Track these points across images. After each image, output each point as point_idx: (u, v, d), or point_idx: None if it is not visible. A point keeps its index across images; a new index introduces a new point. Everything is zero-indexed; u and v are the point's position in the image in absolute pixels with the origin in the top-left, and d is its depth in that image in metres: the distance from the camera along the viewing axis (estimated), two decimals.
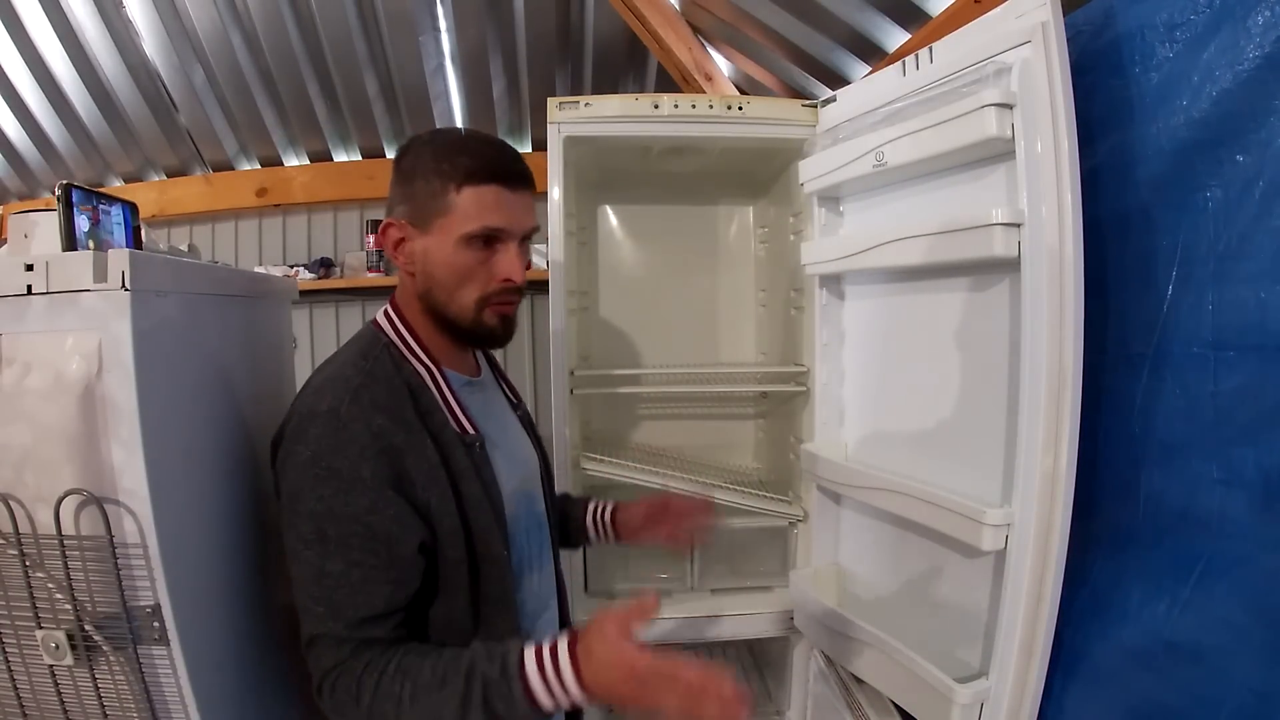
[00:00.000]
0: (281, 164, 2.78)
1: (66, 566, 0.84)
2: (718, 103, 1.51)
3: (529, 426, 1.10)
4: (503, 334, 0.92)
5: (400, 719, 0.76)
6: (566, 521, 1.18)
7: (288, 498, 0.81)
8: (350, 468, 0.78)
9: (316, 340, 2.78)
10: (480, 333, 0.91)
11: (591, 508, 1.18)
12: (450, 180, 0.84)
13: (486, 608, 0.87)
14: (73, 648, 0.84)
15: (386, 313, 0.94)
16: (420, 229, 0.87)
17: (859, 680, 1.36)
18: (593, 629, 0.75)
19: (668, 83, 2.32)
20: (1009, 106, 0.99)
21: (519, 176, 0.88)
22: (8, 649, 0.87)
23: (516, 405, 1.10)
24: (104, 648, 0.84)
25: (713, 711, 0.70)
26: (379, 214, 2.69)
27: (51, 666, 0.86)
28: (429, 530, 0.83)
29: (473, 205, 0.85)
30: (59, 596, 0.84)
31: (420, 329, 0.92)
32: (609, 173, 1.85)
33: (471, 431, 0.90)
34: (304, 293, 1.92)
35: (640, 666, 0.72)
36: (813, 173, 1.41)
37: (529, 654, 0.75)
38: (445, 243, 0.86)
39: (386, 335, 0.91)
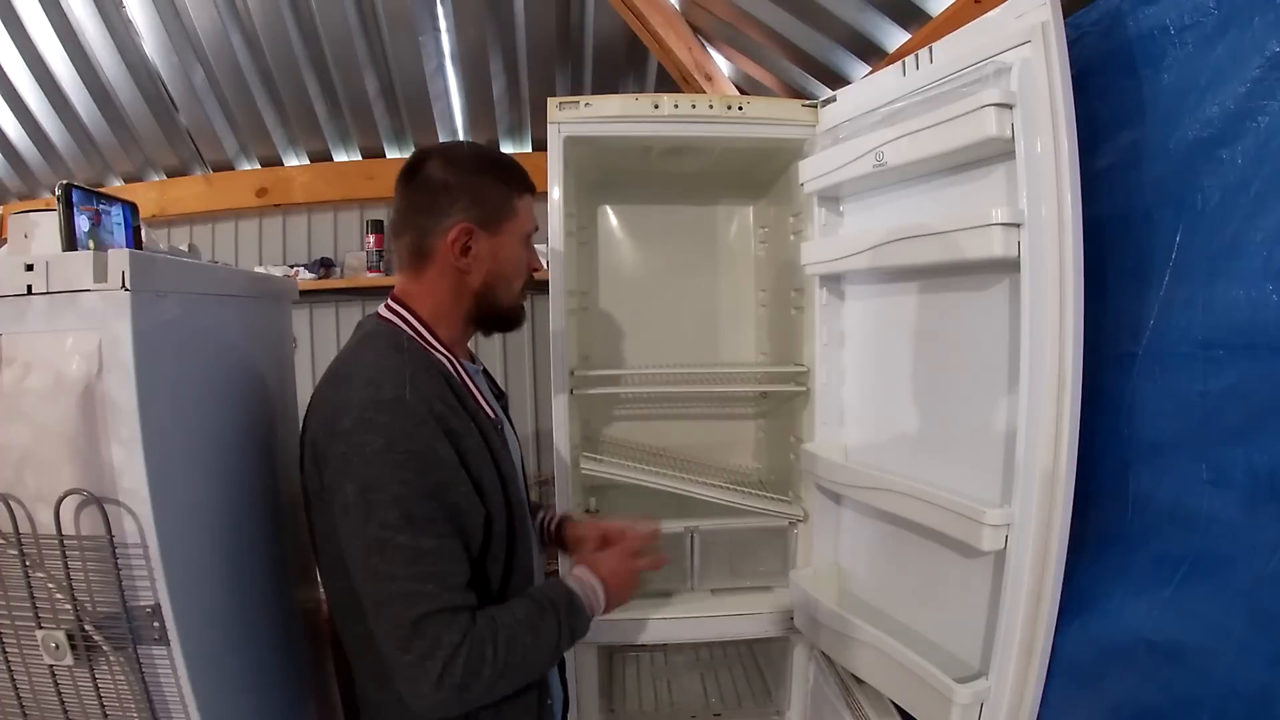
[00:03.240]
0: (281, 164, 2.78)
1: (66, 566, 0.84)
2: (718, 103, 1.51)
3: (508, 415, 1.16)
4: (521, 322, 1.07)
5: (528, 660, 0.87)
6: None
7: (361, 490, 0.81)
8: (427, 448, 0.83)
9: (316, 340, 2.78)
10: (518, 316, 1.05)
11: (540, 515, 1.23)
12: (513, 189, 0.98)
13: (518, 579, 0.97)
14: (73, 648, 0.84)
15: (392, 309, 0.96)
16: (489, 231, 0.96)
17: (859, 680, 1.36)
18: (596, 556, 1.05)
19: (668, 83, 2.32)
20: (1009, 106, 0.99)
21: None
22: (8, 649, 0.87)
23: (500, 395, 1.15)
24: (104, 648, 0.84)
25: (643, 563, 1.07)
26: (379, 214, 2.73)
27: (51, 666, 0.86)
28: (485, 507, 0.90)
29: (527, 210, 1.01)
30: (59, 596, 0.84)
31: (435, 322, 0.96)
32: (609, 173, 1.85)
33: (494, 415, 0.98)
34: (304, 293, 1.92)
35: (634, 568, 1.05)
36: (813, 173, 1.41)
37: (572, 582, 0.97)
38: (513, 242, 0.99)
39: (405, 330, 0.94)
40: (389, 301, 0.97)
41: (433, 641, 0.79)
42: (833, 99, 1.44)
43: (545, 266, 1.06)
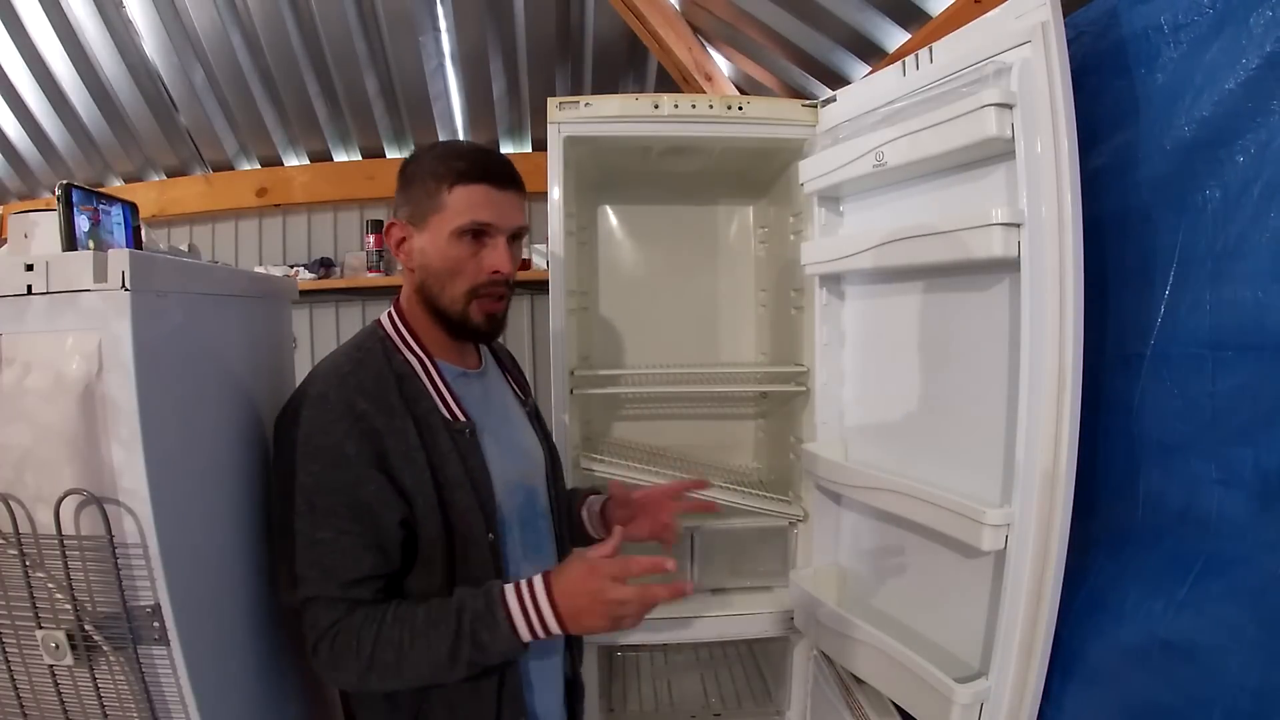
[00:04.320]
0: (281, 164, 2.78)
1: (66, 566, 0.84)
2: (718, 103, 1.51)
3: (536, 421, 1.14)
4: (486, 330, 0.99)
5: (401, 662, 0.84)
6: (573, 517, 1.19)
7: (280, 476, 0.90)
8: (335, 445, 0.86)
9: (316, 340, 2.78)
10: (467, 326, 0.97)
11: (587, 502, 1.19)
12: (444, 181, 0.93)
13: (467, 586, 0.91)
14: (73, 648, 0.84)
15: (389, 311, 1.01)
16: (418, 227, 0.95)
17: (859, 680, 1.36)
18: (565, 565, 0.88)
19: (668, 83, 2.32)
20: (1009, 106, 0.99)
21: (506, 177, 0.95)
22: (8, 649, 0.87)
23: (524, 401, 1.13)
24: (104, 648, 0.84)
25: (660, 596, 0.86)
26: (379, 214, 2.74)
27: (51, 666, 0.86)
28: (408, 507, 0.89)
29: (463, 202, 0.93)
30: (59, 596, 0.84)
31: (416, 324, 0.99)
32: (609, 173, 1.85)
33: (461, 419, 0.95)
34: (304, 293, 1.93)
35: (602, 594, 0.83)
36: (813, 173, 1.41)
37: (508, 587, 0.86)
38: (439, 237, 0.94)
39: (384, 330, 0.99)
40: (391, 304, 1.03)
41: (310, 621, 0.87)
42: (833, 99, 1.44)
43: (511, 266, 0.96)
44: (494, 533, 0.94)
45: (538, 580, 0.87)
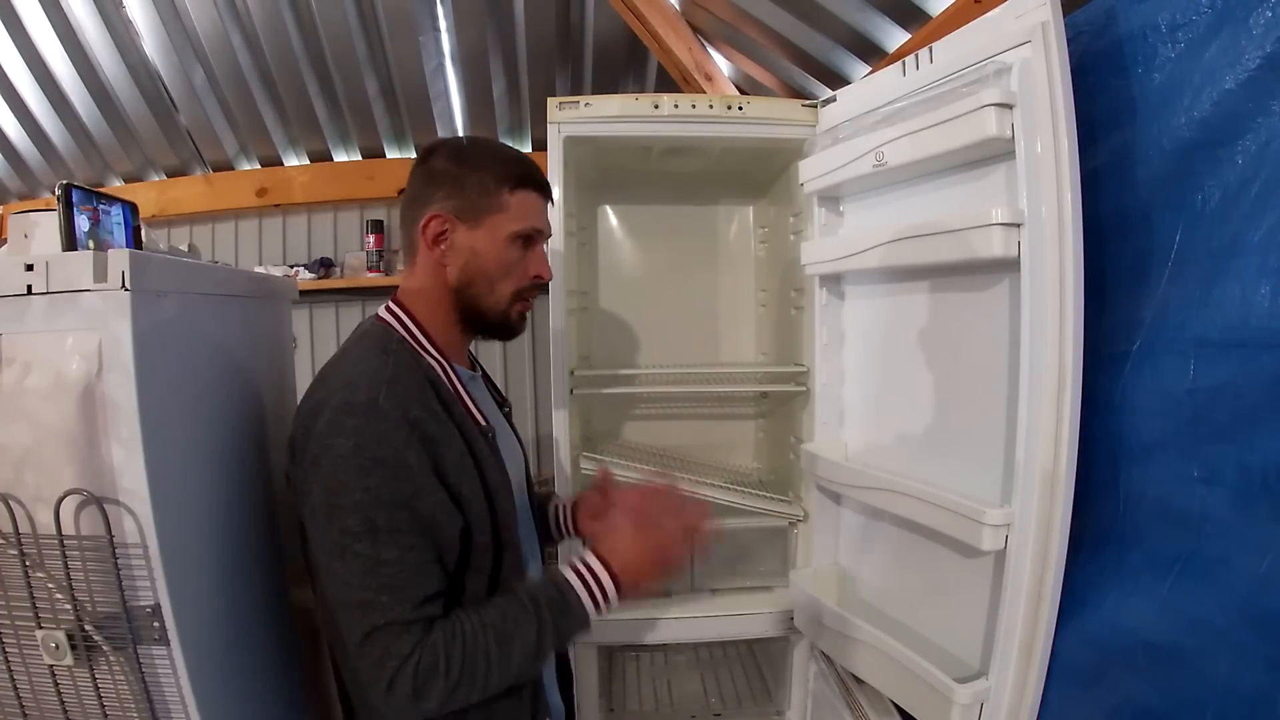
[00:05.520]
0: (281, 164, 2.78)
1: (66, 566, 0.84)
2: (718, 103, 1.50)
3: (511, 424, 1.15)
4: (521, 328, 1.01)
5: (491, 667, 0.81)
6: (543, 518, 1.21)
7: (326, 493, 0.80)
8: (395, 455, 0.80)
9: (316, 340, 2.78)
10: (506, 325, 0.98)
11: (554, 506, 1.21)
12: (505, 182, 0.93)
13: (518, 583, 0.91)
14: (73, 648, 0.84)
15: (391, 310, 0.96)
16: (469, 224, 0.93)
17: (859, 680, 1.36)
18: (608, 536, 0.93)
19: (668, 83, 2.32)
20: (1009, 106, 0.99)
21: (548, 187, 1.00)
22: (8, 649, 0.87)
23: (502, 404, 1.14)
24: (104, 648, 0.84)
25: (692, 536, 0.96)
26: (379, 214, 2.74)
27: (51, 666, 0.86)
28: (464, 517, 0.86)
29: (523, 207, 0.94)
30: (59, 596, 0.84)
31: (430, 324, 0.95)
32: (609, 173, 1.85)
33: (485, 423, 0.94)
34: (304, 293, 1.92)
35: (644, 539, 0.91)
36: (813, 173, 1.41)
37: (567, 571, 0.89)
38: (496, 238, 0.93)
39: (397, 331, 0.93)
40: (389, 302, 0.97)
41: (382, 652, 0.78)
42: (833, 99, 1.44)
43: (551, 272, 1.01)
44: (519, 534, 0.95)
45: (589, 556, 0.90)
